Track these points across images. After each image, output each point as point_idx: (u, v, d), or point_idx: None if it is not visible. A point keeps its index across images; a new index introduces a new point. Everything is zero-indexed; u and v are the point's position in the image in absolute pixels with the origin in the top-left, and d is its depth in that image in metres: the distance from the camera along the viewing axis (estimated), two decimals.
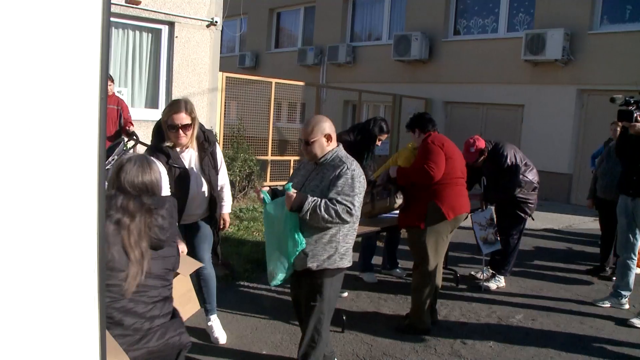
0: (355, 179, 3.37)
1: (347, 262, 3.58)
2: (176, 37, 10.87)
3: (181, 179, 3.97)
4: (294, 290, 3.88)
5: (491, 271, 6.36)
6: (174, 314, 2.42)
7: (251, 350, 4.42)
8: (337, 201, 3.28)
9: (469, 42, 14.63)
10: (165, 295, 2.37)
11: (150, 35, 10.84)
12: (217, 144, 4.36)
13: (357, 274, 6.40)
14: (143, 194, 2.40)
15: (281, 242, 3.42)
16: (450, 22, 15.09)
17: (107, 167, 7.43)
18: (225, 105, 11.71)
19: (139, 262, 2.22)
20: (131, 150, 8.52)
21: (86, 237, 0.96)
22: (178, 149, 4.00)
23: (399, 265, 6.57)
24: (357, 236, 5.86)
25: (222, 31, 20.66)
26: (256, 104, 12.61)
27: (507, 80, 13.65)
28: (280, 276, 3.54)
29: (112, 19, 10.18)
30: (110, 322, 2.06)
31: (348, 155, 3.54)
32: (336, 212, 3.26)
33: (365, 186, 3.50)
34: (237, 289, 5.75)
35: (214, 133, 4.16)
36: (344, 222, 3.32)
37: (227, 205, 4.49)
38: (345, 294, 5.77)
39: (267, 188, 3.67)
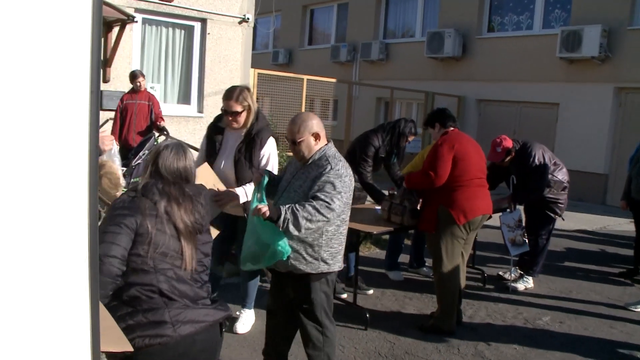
0: (338, 178, 3.18)
1: (334, 267, 3.40)
2: (208, 33, 10.97)
3: (211, 153, 4.27)
4: (273, 295, 3.69)
5: (519, 271, 6.26)
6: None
7: None
8: (315, 197, 3.12)
9: (503, 39, 14.40)
10: (204, 280, 2.45)
11: (183, 32, 10.95)
12: (265, 147, 4.23)
13: (383, 272, 6.38)
14: (178, 180, 2.44)
15: (259, 241, 3.21)
16: (485, 19, 14.88)
17: (138, 162, 7.56)
18: (256, 102, 11.75)
19: (192, 244, 2.32)
20: None
21: (77, 233, 0.97)
22: (229, 129, 4.28)
23: (426, 264, 6.52)
24: (384, 234, 5.87)
25: (255, 28, 20.79)
26: (288, 100, 12.62)
27: (542, 78, 13.40)
28: (249, 266, 3.39)
29: (146, 16, 10.35)
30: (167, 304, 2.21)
31: (336, 154, 3.36)
32: (314, 207, 3.06)
33: (352, 186, 3.33)
34: (263, 284, 5.76)
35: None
36: (325, 217, 3.09)
37: (242, 193, 4.12)
38: (371, 292, 5.75)
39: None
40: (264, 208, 3.08)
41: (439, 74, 15.52)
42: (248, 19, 11.37)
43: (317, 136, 3.32)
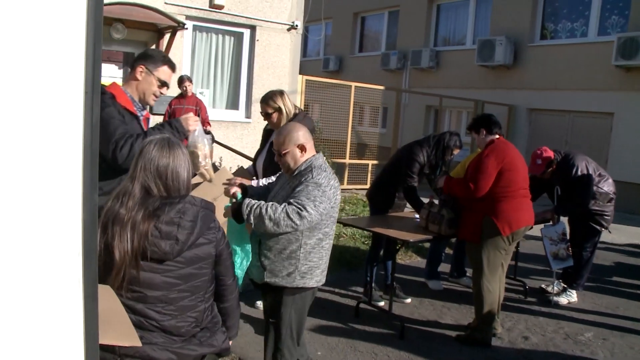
0: (316, 187, 3.06)
1: (311, 282, 3.24)
2: (257, 40, 11.13)
3: (260, 151, 4.75)
4: (264, 303, 3.62)
5: (563, 285, 6.10)
6: None
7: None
8: (289, 203, 3.02)
9: (556, 47, 14.08)
10: (181, 311, 2.28)
11: (232, 38, 11.15)
12: None
13: (423, 281, 6.33)
14: (161, 181, 2.21)
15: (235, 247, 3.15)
16: (537, 26, 14.59)
17: None
18: (304, 108, 11.85)
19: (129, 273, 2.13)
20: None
21: (71, 234, 1.02)
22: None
23: (467, 274, 6.42)
24: (421, 242, 5.81)
25: (306, 35, 20.93)
26: (336, 107, 12.68)
27: (596, 87, 13.03)
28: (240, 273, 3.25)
29: (196, 23, 10.58)
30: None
31: (323, 165, 3.22)
32: (285, 211, 2.96)
33: (333, 198, 3.15)
34: None
35: None
36: (294, 224, 2.97)
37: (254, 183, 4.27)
38: (409, 300, 5.71)
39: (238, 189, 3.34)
40: (233, 189, 3.17)
41: (490, 82, 15.29)
42: (297, 26, 11.48)
43: (302, 148, 3.20)
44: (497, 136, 4.86)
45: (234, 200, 3.25)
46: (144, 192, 2.17)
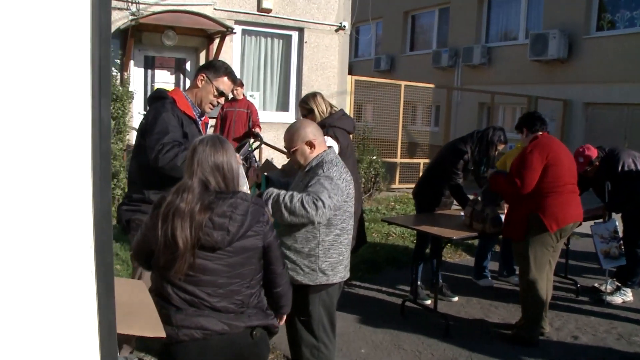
0: (328, 180, 3.10)
1: (334, 278, 3.28)
2: (306, 42, 11.23)
3: None
4: None
5: (617, 284, 5.92)
6: None
7: (350, 348, 4.49)
8: (305, 193, 3.06)
9: (613, 38, 13.61)
10: (233, 289, 2.48)
11: (280, 41, 11.29)
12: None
13: (471, 279, 6.26)
14: (216, 176, 2.38)
15: None
16: (593, 17, 14.14)
17: None
18: (354, 108, 11.87)
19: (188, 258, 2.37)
20: (256, 151, 8.95)
21: (82, 228, 1.09)
22: None
23: (517, 273, 6.30)
24: (464, 240, 5.73)
25: (353, 35, 20.96)
26: (387, 106, 12.64)
27: None
28: None
29: (245, 27, 10.76)
30: None
31: (334, 160, 3.27)
32: (301, 200, 3.00)
33: (346, 191, 3.20)
34: (349, 288, 5.83)
35: None
36: (308, 214, 2.99)
37: None
38: (456, 299, 5.66)
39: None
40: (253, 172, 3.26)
41: (543, 77, 14.92)
42: (344, 26, 11.52)
43: (311, 144, 3.25)
44: (540, 133, 4.79)
45: (257, 190, 3.37)
46: (202, 186, 2.34)
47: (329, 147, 3.40)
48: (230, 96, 8.86)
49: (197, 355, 2.31)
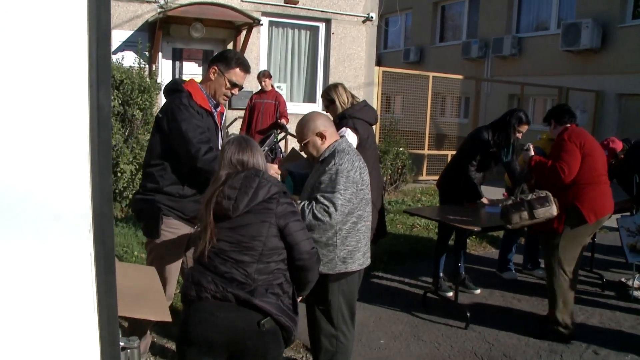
0: (340, 174, 3.11)
1: (353, 266, 3.29)
2: (333, 33, 11.22)
3: None
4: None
5: None
6: None
7: (370, 339, 4.51)
8: (317, 200, 3.10)
9: None
10: (239, 260, 2.61)
11: (307, 32, 11.29)
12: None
13: (495, 272, 6.22)
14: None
15: None
16: (629, 5, 13.79)
17: None
18: (381, 99, 11.83)
19: (211, 226, 2.59)
20: (282, 142, 8.99)
21: (81, 213, 1.13)
22: None
23: (542, 266, 6.24)
24: (488, 231, 5.64)
25: (385, 28, 20.84)
26: (415, 98, 12.56)
27: None
28: None
29: (272, 19, 10.80)
30: None
31: (346, 148, 3.27)
32: (313, 214, 3.07)
33: (360, 180, 3.20)
34: (371, 278, 5.85)
35: None
36: (323, 222, 3.08)
37: None
38: (478, 291, 5.63)
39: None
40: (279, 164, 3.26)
41: (575, 68, 14.65)
42: (372, 17, 11.47)
43: (322, 135, 3.27)
44: (569, 125, 4.70)
45: None
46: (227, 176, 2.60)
47: (341, 136, 3.42)
48: (259, 87, 8.96)
49: (199, 324, 2.42)
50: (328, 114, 4.65)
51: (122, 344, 1.34)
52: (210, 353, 2.46)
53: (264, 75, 8.85)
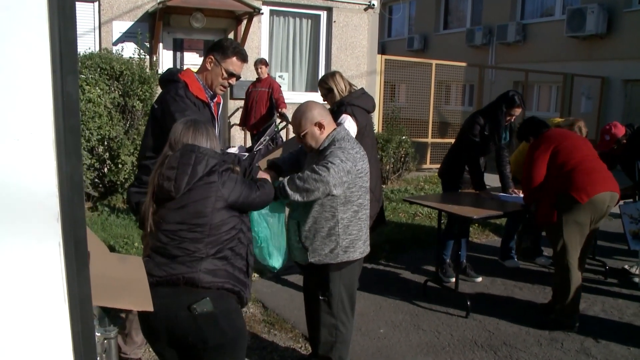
0: (340, 150, 3.12)
1: (354, 254, 3.30)
2: (334, 21, 11.15)
3: None
4: (304, 282, 3.68)
5: None
6: None
7: (369, 328, 4.49)
8: (314, 165, 3.10)
9: None
10: (182, 237, 2.57)
11: (309, 21, 11.23)
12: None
13: (497, 259, 6.18)
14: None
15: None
16: None
17: (259, 147, 7.89)
18: (383, 87, 11.77)
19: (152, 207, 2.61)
20: (283, 132, 8.95)
21: (48, 202, 1.11)
22: None
23: (544, 253, 6.21)
24: (487, 219, 5.59)
25: (390, 15, 20.71)
26: (418, 86, 12.49)
27: None
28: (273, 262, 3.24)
29: (273, 7, 10.73)
30: None
31: (345, 136, 3.25)
32: (312, 169, 3.05)
33: (360, 162, 3.18)
34: (372, 268, 5.83)
35: None
36: (321, 176, 3.01)
37: None
38: (479, 279, 5.60)
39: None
40: (264, 174, 3.15)
41: (580, 54, 14.53)
42: (374, 5, 11.38)
43: (320, 125, 3.22)
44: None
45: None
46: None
47: (340, 124, 3.38)
48: (256, 76, 8.90)
49: (143, 314, 2.40)
50: (325, 102, 4.63)
51: (98, 334, 1.32)
52: (159, 343, 2.49)
53: (260, 62, 8.76)
